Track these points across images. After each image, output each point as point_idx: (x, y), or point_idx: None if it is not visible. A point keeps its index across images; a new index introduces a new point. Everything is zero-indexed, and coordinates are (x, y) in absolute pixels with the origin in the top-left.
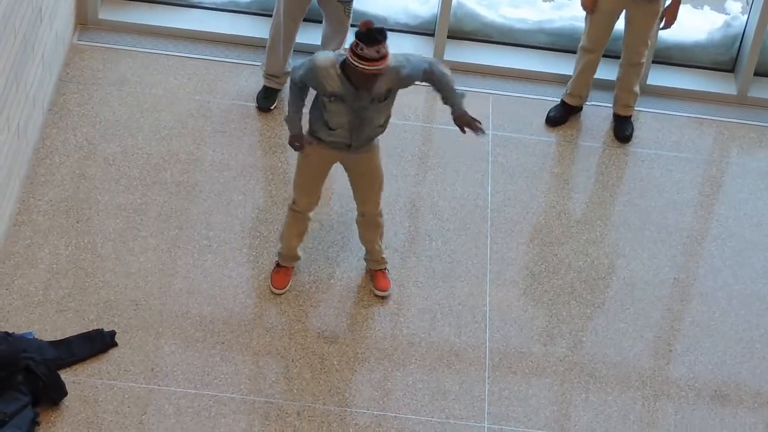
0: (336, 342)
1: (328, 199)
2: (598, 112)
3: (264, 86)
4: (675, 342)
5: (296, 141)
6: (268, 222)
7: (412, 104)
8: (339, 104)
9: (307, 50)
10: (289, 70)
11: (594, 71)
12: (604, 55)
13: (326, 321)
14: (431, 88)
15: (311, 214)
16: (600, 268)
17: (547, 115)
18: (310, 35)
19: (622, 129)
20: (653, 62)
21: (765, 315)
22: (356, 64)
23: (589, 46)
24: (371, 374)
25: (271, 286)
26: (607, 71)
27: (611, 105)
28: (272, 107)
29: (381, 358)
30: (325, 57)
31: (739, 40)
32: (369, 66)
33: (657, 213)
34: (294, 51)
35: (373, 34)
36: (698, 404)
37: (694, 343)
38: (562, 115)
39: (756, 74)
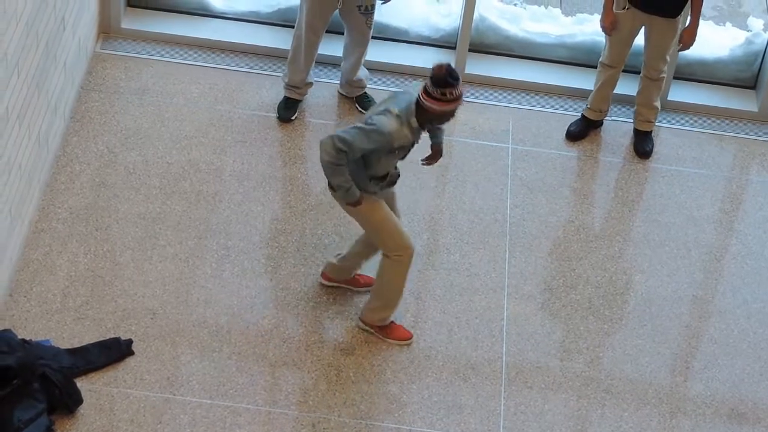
0: (352, 354)
1: (346, 214)
2: (618, 127)
3: (285, 97)
4: (692, 359)
5: (359, 203)
6: (287, 233)
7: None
8: (400, 152)
9: (329, 62)
10: (311, 81)
11: (614, 86)
12: (624, 70)
13: (343, 333)
14: None
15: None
16: (618, 284)
17: (568, 129)
18: (331, 47)
19: (643, 144)
20: (674, 78)
21: None
22: (445, 108)
23: (609, 62)
24: (387, 387)
25: (403, 342)
26: (627, 86)
27: (631, 120)
28: (293, 118)
29: (397, 370)
30: (390, 120)
31: (761, 56)
32: (457, 105)
33: (676, 229)
34: (316, 62)
35: (453, 74)
36: (715, 422)
37: (711, 360)
38: (582, 130)
39: None
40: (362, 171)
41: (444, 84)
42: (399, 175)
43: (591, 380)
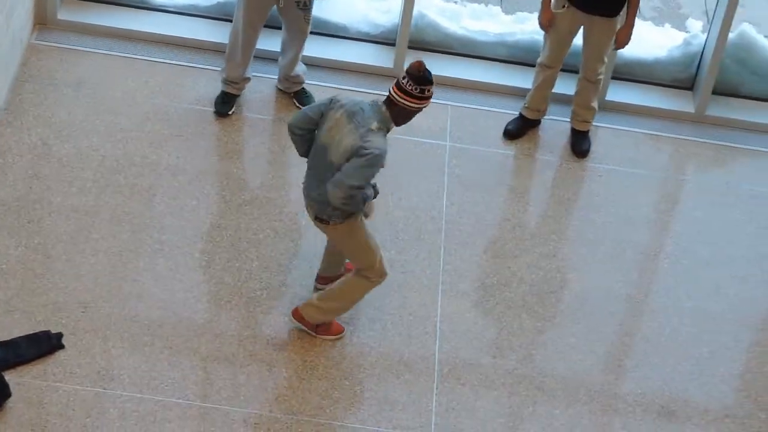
0: (285, 349)
1: (282, 207)
2: (556, 126)
3: (222, 91)
4: (624, 357)
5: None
6: (222, 227)
7: None
8: None
9: (267, 57)
10: (249, 76)
11: (552, 86)
12: (563, 70)
13: (276, 328)
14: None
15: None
16: (552, 282)
17: (505, 128)
18: (270, 42)
19: (580, 144)
20: (612, 78)
21: (715, 333)
22: (421, 106)
23: (547, 62)
24: (319, 382)
25: (335, 337)
26: (566, 86)
27: (569, 119)
28: (230, 112)
29: (329, 366)
30: (380, 140)
31: (699, 58)
32: (429, 102)
33: (612, 228)
34: (254, 57)
35: (429, 74)
36: (645, 420)
37: (643, 358)
38: (520, 129)
39: (714, 93)
40: None
41: (424, 81)
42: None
43: (523, 377)
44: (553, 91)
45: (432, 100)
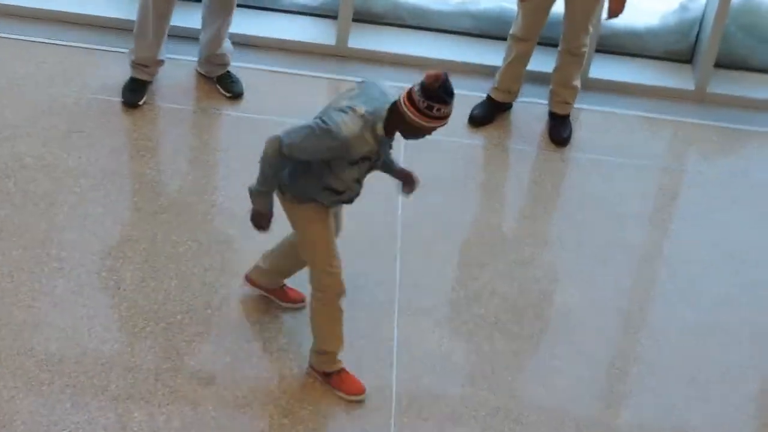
0: (212, 384)
1: (206, 214)
2: (530, 109)
3: (131, 77)
4: (617, 382)
5: (263, 220)
6: (134, 240)
7: (311, 103)
8: (363, 164)
9: (183, 34)
10: (162, 58)
11: (526, 63)
12: (539, 44)
13: (201, 359)
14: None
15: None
16: (530, 295)
17: (471, 113)
18: (187, 17)
19: (559, 130)
20: (597, 51)
21: (723, 350)
22: (428, 125)
23: (521, 34)
24: (254, 423)
25: (352, 397)
26: (541, 62)
27: (546, 102)
28: (141, 102)
29: (266, 403)
30: (352, 125)
31: (698, 25)
32: (442, 123)
33: (598, 229)
34: (168, 36)
35: (449, 89)
36: None
37: (639, 383)
38: (489, 114)
39: (717, 66)
40: (318, 178)
41: (435, 98)
42: (359, 194)
43: (498, 409)
44: (527, 68)
45: (387, 82)
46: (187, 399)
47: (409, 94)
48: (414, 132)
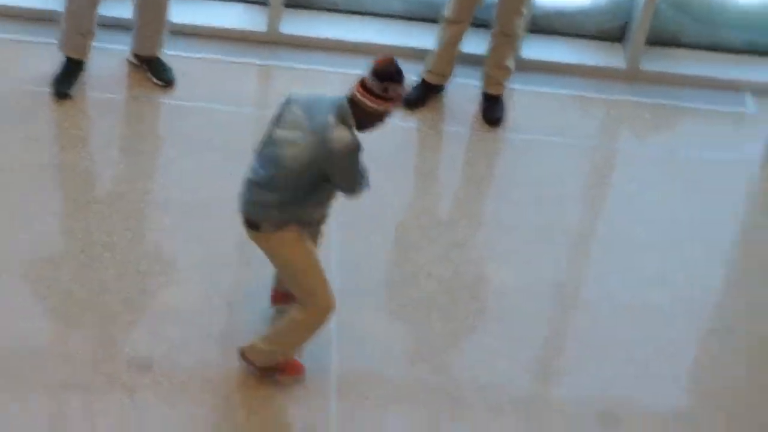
0: (150, 371)
1: (140, 203)
2: (463, 91)
3: (65, 61)
4: (555, 360)
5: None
6: (68, 231)
7: (244, 90)
8: None
9: (114, 24)
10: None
11: (459, 44)
12: (471, 25)
13: (138, 347)
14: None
15: None
16: (466, 276)
17: (404, 96)
18: (116, 6)
19: (492, 111)
20: (529, 31)
21: (659, 327)
22: (384, 109)
23: (454, 16)
24: (193, 408)
25: (291, 378)
26: (474, 43)
27: (479, 83)
28: (71, 92)
29: (206, 389)
30: (345, 132)
31: (629, 4)
32: (394, 106)
33: (534, 209)
34: (98, 25)
35: (399, 68)
36: (583, 429)
37: (577, 361)
38: (422, 96)
39: (648, 43)
40: (307, 195)
41: (389, 78)
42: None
43: (437, 389)
44: (460, 50)
45: (320, 67)
46: (125, 387)
47: (362, 84)
48: (371, 121)
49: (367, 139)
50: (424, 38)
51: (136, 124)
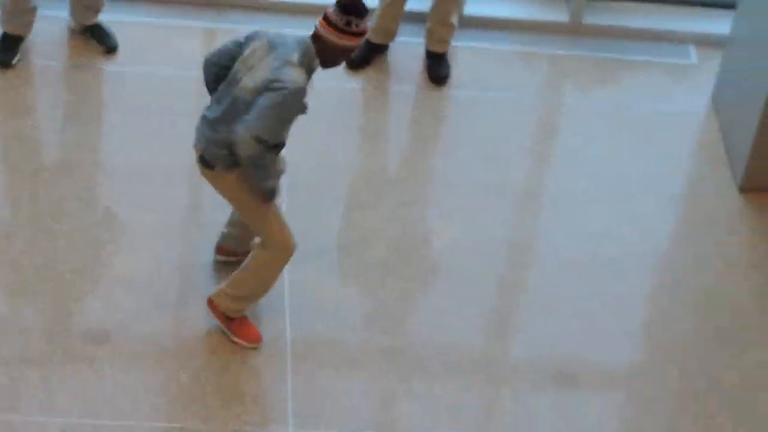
0: (107, 341)
1: (88, 170)
2: (407, 50)
3: (4, 33)
4: (508, 318)
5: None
6: (16, 201)
7: (188, 53)
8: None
9: None
10: (35, 6)
11: (403, 3)
12: None
13: (93, 318)
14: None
15: None
16: (417, 236)
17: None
18: None
19: (437, 69)
20: None
21: (610, 281)
22: (350, 43)
23: None
24: (151, 378)
25: (247, 343)
26: (418, 1)
27: (423, 41)
28: (14, 61)
29: (162, 358)
30: (295, 72)
31: None
32: (361, 40)
33: (480, 166)
34: None
35: (362, 4)
36: (540, 388)
37: (530, 318)
38: (366, 56)
39: None
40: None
41: (354, 11)
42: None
43: (394, 351)
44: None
45: (260, 28)
46: (82, 358)
47: (326, 17)
48: (334, 56)
49: (313, 101)
50: None
51: (80, 91)
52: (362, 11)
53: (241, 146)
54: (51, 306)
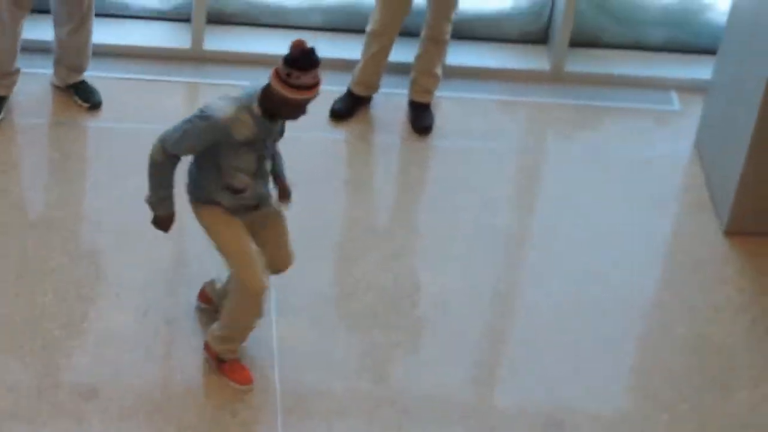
0: (96, 397)
1: (75, 225)
2: (390, 100)
3: None
4: (498, 366)
5: (164, 223)
6: (4, 257)
7: (171, 108)
8: (249, 153)
9: (36, 48)
10: (18, 67)
11: (387, 56)
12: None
13: (82, 373)
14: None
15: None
16: (405, 286)
17: (332, 107)
18: (36, 29)
19: (421, 119)
20: (451, 38)
21: (598, 326)
22: (292, 97)
23: (380, 29)
24: None
25: (239, 386)
26: (401, 52)
27: (406, 91)
28: None
29: (152, 411)
30: (225, 106)
31: (550, 6)
32: (308, 95)
33: (468, 215)
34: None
35: (309, 58)
36: None
37: (519, 365)
38: (350, 107)
39: (572, 45)
40: (215, 177)
41: (295, 64)
42: (262, 197)
43: (382, 401)
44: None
45: (246, 83)
46: (71, 414)
47: (276, 68)
48: (278, 106)
49: (297, 152)
50: (348, 48)
51: (65, 148)
52: (305, 65)
53: (150, 151)
54: (40, 361)
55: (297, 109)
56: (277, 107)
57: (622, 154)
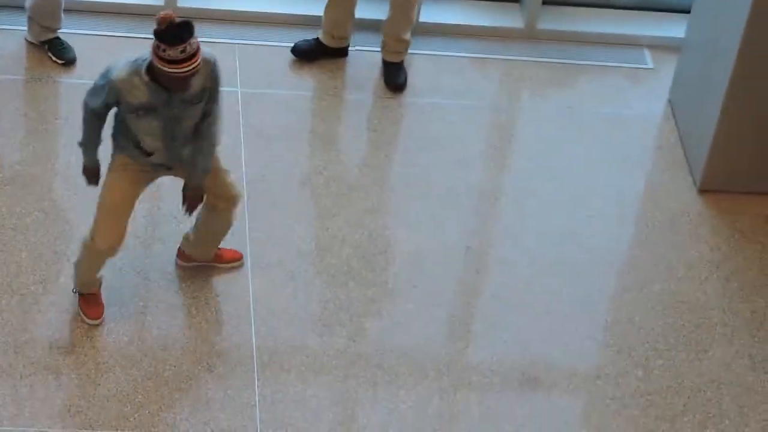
0: (72, 352)
1: (50, 182)
2: (364, 57)
3: None
4: (473, 321)
5: (89, 173)
6: None
7: None
8: (150, 118)
9: (9, 4)
10: None
11: (350, 7)
12: None
13: (59, 328)
14: None
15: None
16: (380, 241)
17: (294, 44)
18: None
19: (394, 76)
20: None
21: (573, 283)
22: (163, 69)
23: None
24: (118, 387)
25: (86, 319)
26: (374, 9)
27: (379, 49)
28: None
29: (128, 366)
30: (122, 68)
31: None
32: (177, 69)
33: (441, 172)
34: None
35: (175, 32)
36: (505, 391)
37: (494, 321)
38: (312, 51)
39: (545, 2)
40: (127, 133)
41: (161, 37)
42: (174, 161)
43: (358, 356)
44: (358, 17)
45: (215, 40)
46: (49, 369)
47: None
48: (167, 81)
49: (270, 109)
50: (317, 5)
51: (40, 104)
52: (170, 39)
53: None
54: (16, 317)
55: (174, 81)
56: (157, 77)
57: (596, 112)
